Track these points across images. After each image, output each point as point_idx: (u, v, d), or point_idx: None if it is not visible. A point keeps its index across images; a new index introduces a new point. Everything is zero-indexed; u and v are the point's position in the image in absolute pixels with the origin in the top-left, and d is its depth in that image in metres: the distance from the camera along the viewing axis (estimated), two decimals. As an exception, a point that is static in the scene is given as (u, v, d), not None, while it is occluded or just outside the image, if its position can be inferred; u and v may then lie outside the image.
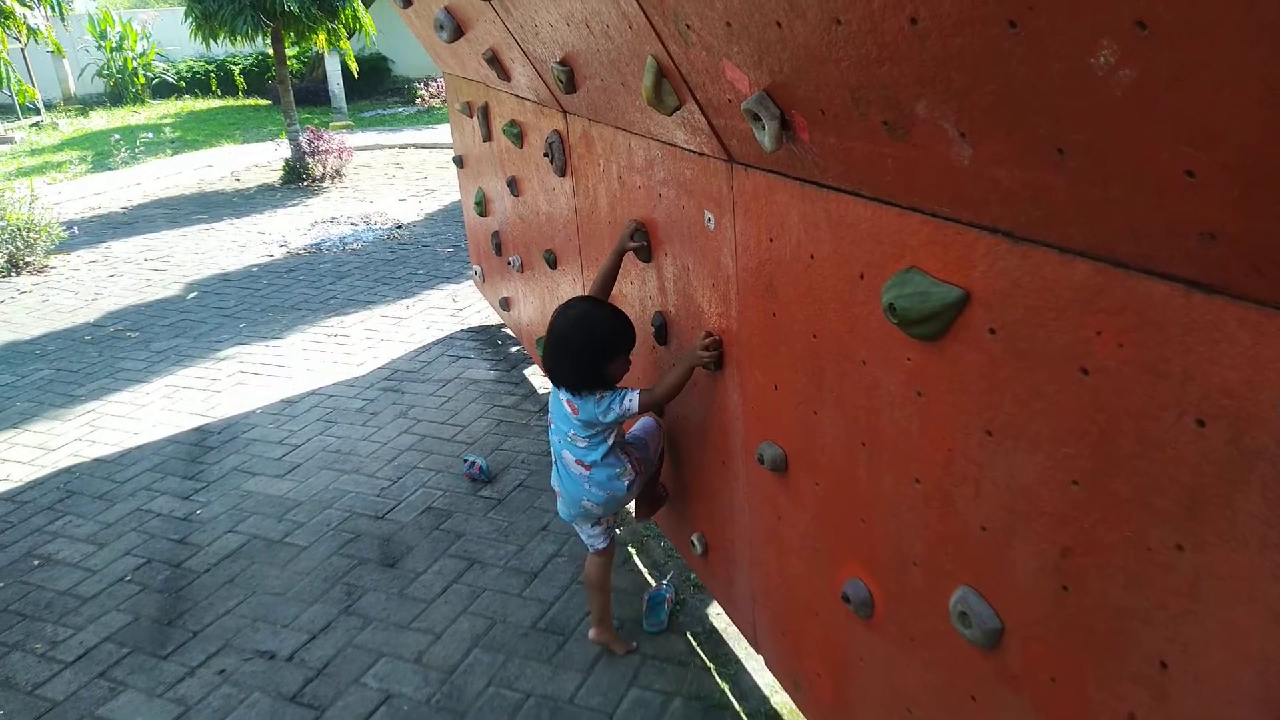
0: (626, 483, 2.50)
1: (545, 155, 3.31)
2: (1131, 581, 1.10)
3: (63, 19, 9.14)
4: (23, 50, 13.62)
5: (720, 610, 2.80)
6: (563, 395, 2.41)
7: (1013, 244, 1.16)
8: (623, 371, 2.42)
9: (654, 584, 3.02)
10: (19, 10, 6.95)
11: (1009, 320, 1.20)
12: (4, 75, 7.03)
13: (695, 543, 2.63)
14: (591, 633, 2.73)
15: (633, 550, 3.26)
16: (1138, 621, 1.11)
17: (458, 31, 3.50)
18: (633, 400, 2.34)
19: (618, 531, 3.26)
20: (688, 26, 1.64)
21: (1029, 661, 1.32)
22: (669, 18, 1.70)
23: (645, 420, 2.69)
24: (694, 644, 2.75)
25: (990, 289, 1.22)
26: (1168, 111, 0.81)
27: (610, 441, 2.45)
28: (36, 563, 3.44)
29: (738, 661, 2.66)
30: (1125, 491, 1.08)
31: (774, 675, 2.36)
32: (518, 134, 3.72)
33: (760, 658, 2.41)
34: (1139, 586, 1.10)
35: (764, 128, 1.56)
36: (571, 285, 3.47)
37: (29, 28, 7.12)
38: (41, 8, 7.56)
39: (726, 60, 1.59)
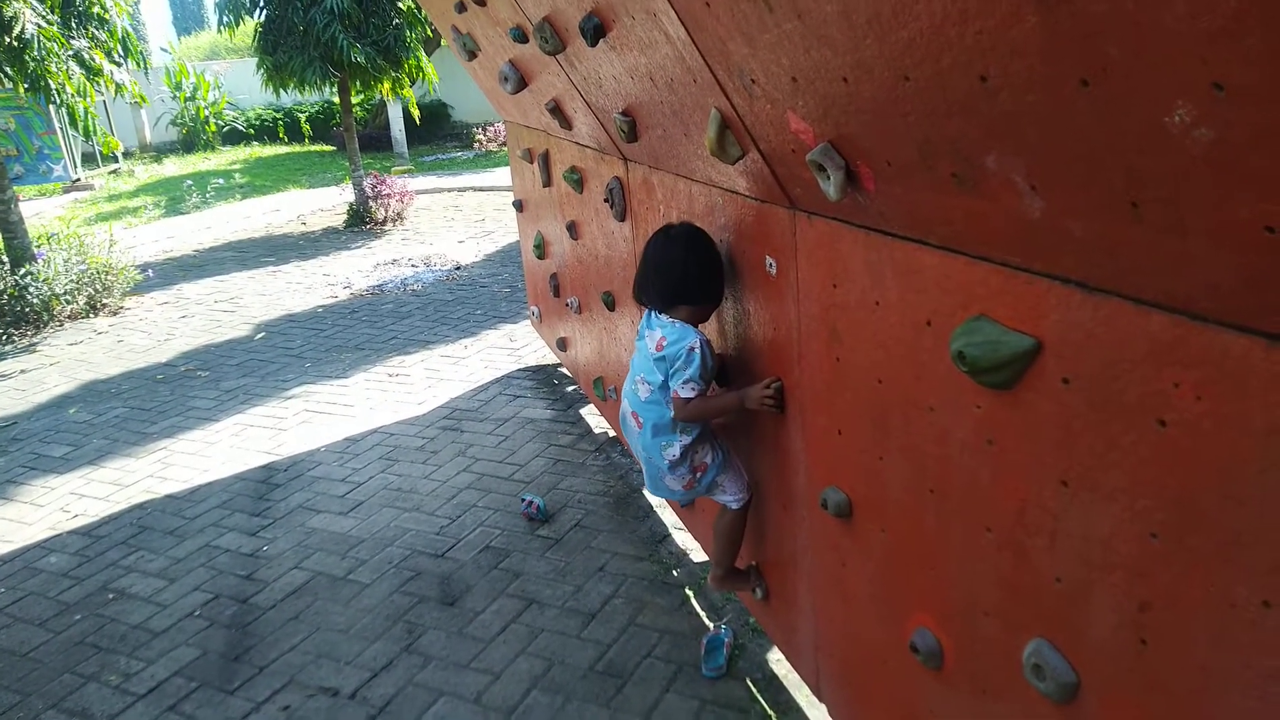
0: (675, 453, 2.36)
1: (605, 201, 3.38)
2: (1215, 638, 1.08)
3: (146, 74, 9.62)
4: (104, 102, 14.32)
5: (780, 656, 2.78)
6: (654, 333, 2.36)
7: (1086, 294, 1.16)
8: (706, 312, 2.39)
9: (712, 627, 3.01)
10: (107, 67, 7.33)
11: (1083, 370, 1.19)
12: (91, 128, 7.40)
13: (755, 588, 2.61)
14: (711, 580, 2.66)
15: (689, 592, 3.25)
16: (1223, 679, 1.08)
17: (521, 83, 3.61)
18: (694, 369, 2.25)
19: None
20: (752, 81, 1.69)
21: (1107, 717, 1.29)
22: (734, 72, 1.75)
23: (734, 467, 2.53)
24: (754, 690, 2.72)
25: (1063, 339, 1.22)
26: (1247, 169, 0.82)
27: (668, 401, 2.35)
28: (111, 596, 3.56)
29: (799, 710, 2.63)
30: (1207, 546, 1.07)
31: (837, 725, 2.33)
32: (578, 180, 3.80)
33: (823, 707, 2.38)
34: (1223, 643, 1.07)
35: (829, 178, 1.58)
36: (630, 326, 3.51)
37: (116, 83, 7.51)
38: (129, 61, 7.96)
39: (791, 112, 1.63)
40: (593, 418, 4.87)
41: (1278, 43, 0.72)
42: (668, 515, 3.74)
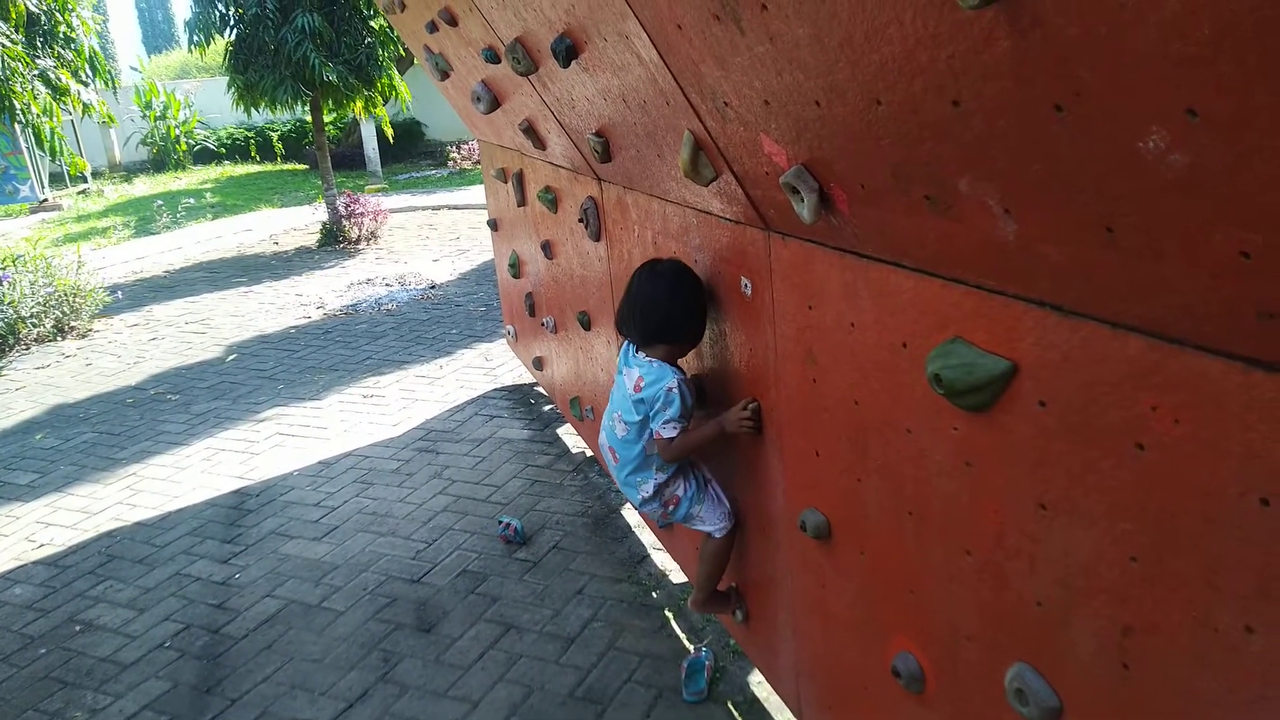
0: (648, 490, 2.38)
1: (580, 220, 3.37)
2: (1198, 663, 1.07)
3: (115, 93, 9.51)
4: (73, 121, 14.16)
5: (762, 679, 2.75)
6: (631, 372, 2.36)
7: (1062, 317, 1.16)
8: (685, 349, 2.39)
9: (693, 650, 2.97)
10: (74, 87, 7.24)
11: (1060, 393, 1.19)
12: (58, 149, 7.29)
13: (735, 610, 2.59)
14: (691, 603, 2.63)
15: (669, 614, 3.22)
16: (1206, 704, 1.08)
17: (494, 103, 3.60)
18: (674, 410, 2.26)
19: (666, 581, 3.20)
20: (725, 104, 1.68)
21: (1091, 743, 1.28)
22: (706, 95, 1.74)
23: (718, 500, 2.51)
24: (735, 714, 2.69)
25: (1039, 361, 1.22)
26: (1221, 195, 0.82)
27: (644, 440, 2.35)
28: (78, 628, 3.46)
29: (781, 732, 2.60)
30: (1188, 570, 1.06)
31: (820, 748, 2.30)
32: (553, 200, 3.79)
33: (805, 729, 2.36)
34: (1206, 668, 1.06)
35: (803, 200, 1.57)
36: (606, 346, 3.49)
37: (83, 103, 7.41)
38: (96, 81, 7.86)
39: (764, 135, 1.62)
40: (570, 437, 4.83)
41: (1250, 70, 0.71)
42: (646, 535, 3.71)
